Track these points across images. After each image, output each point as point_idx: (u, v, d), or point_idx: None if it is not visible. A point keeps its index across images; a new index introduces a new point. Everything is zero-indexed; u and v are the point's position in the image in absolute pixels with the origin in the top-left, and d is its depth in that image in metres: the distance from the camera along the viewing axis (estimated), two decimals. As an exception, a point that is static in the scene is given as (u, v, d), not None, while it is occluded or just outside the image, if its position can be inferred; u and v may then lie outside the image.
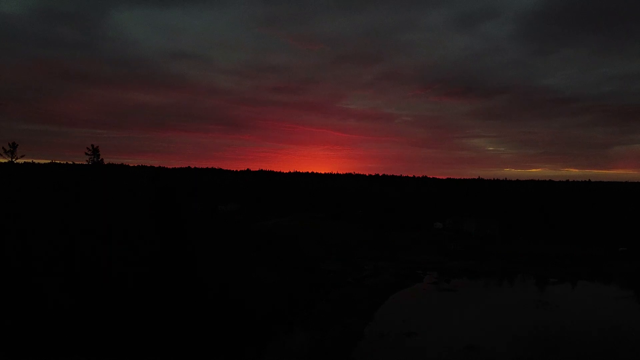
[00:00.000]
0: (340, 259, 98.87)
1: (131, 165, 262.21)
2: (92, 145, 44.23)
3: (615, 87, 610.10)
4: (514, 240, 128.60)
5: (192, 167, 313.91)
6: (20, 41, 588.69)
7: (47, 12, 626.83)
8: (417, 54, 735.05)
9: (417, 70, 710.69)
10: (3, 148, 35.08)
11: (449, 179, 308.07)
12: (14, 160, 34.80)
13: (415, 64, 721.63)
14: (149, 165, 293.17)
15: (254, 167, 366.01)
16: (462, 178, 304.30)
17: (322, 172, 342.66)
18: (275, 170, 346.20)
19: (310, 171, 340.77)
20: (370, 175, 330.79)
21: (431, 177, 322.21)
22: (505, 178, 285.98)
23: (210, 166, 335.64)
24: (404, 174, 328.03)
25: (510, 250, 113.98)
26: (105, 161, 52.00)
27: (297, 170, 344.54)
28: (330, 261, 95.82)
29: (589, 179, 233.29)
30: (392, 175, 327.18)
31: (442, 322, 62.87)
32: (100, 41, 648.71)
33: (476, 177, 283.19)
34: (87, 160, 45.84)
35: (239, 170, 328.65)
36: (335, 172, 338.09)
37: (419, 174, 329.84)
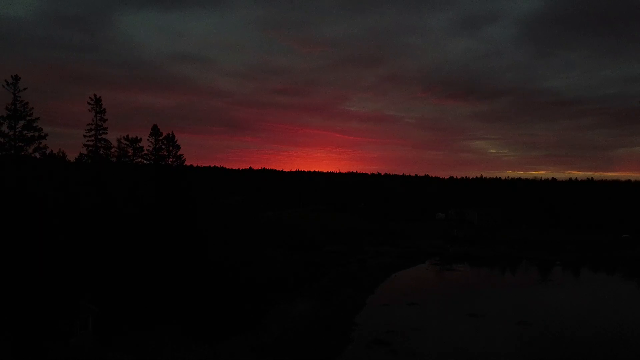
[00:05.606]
0: (343, 243, 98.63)
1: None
2: (95, 95, 43.78)
3: (617, 89, 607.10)
4: (517, 228, 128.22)
5: (195, 165, 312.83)
6: (25, 44, 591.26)
7: (52, 15, 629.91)
8: (419, 57, 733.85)
9: (420, 73, 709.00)
10: (6, 81, 34.95)
11: (451, 178, 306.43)
12: (16, 93, 34.70)
13: (418, 67, 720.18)
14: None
15: (257, 167, 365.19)
16: (464, 177, 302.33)
17: (325, 171, 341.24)
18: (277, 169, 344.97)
19: (313, 170, 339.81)
20: (372, 174, 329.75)
21: (433, 176, 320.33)
22: (508, 177, 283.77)
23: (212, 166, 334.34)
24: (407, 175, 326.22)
25: (514, 237, 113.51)
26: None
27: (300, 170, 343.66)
28: (333, 245, 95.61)
29: (592, 177, 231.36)
30: (395, 175, 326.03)
31: (444, 295, 62.77)
32: (105, 44, 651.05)
33: (479, 177, 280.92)
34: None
35: (241, 169, 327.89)
36: (338, 172, 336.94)
37: (421, 174, 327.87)
